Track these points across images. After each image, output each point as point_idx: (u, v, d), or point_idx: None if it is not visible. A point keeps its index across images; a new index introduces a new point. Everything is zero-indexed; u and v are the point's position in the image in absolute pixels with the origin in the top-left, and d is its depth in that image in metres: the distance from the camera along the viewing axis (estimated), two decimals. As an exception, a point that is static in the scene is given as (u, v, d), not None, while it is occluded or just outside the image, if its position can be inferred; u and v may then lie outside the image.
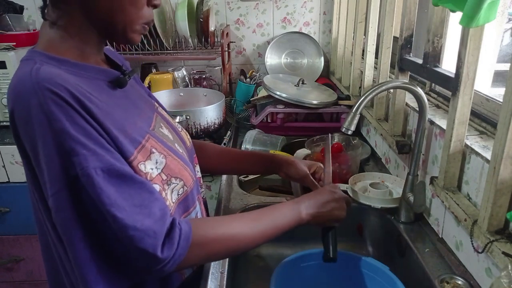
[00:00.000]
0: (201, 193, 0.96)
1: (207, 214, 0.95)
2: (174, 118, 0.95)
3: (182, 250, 0.62)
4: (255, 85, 1.95)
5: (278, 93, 1.59)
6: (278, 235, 0.75)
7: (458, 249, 0.85)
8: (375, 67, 1.41)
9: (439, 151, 0.91)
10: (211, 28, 1.88)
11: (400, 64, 1.14)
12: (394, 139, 1.13)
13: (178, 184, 0.72)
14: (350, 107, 1.44)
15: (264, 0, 2.06)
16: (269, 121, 1.66)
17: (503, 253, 0.66)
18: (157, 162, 0.68)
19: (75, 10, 0.65)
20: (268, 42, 2.10)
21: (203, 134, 1.61)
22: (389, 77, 1.32)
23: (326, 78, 2.08)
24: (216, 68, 2.13)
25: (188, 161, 0.78)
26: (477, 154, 0.79)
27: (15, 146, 0.63)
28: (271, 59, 2.09)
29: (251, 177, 1.33)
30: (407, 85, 0.93)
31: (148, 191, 0.63)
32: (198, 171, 0.94)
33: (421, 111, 0.93)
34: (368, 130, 1.52)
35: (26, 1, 1.98)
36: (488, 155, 0.76)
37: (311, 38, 2.06)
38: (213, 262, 0.86)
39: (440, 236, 0.93)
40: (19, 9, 1.90)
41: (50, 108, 0.56)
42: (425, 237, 0.94)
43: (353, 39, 1.65)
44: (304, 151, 1.20)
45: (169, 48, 1.94)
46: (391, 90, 1.19)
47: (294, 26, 2.10)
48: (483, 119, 0.90)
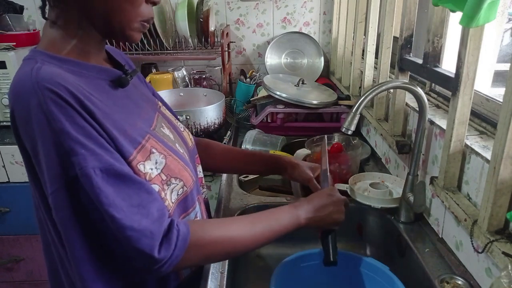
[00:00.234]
0: (202, 194, 0.96)
1: (208, 215, 0.95)
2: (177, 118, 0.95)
3: (179, 251, 0.62)
4: (255, 85, 1.95)
5: (278, 93, 1.59)
6: (276, 238, 0.75)
7: (458, 249, 0.85)
8: (375, 67, 1.41)
9: (439, 151, 0.91)
10: (211, 28, 1.88)
11: (400, 64, 1.14)
12: (394, 139, 1.13)
13: (177, 184, 0.71)
14: (350, 107, 1.44)
15: (264, 0, 2.06)
16: (269, 121, 1.66)
17: (503, 253, 0.66)
18: (156, 162, 0.68)
19: (72, 9, 0.65)
20: (268, 42, 2.10)
21: (203, 134, 1.61)
22: (389, 77, 1.32)
23: (326, 78, 2.09)
24: (216, 68, 2.13)
25: (188, 161, 0.78)
26: (477, 154, 0.79)
27: (15, 146, 0.64)
28: (271, 59, 2.09)
29: (251, 177, 1.33)
30: (407, 85, 0.93)
31: (146, 192, 0.63)
32: (200, 171, 0.93)
33: (421, 111, 0.93)
34: (368, 130, 1.52)
35: (26, 1, 1.98)
36: (488, 155, 0.76)
37: (311, 38, 2.06)
38: (211, 263, 0.85)
39: (440, 236, 0.93)
40: (19, 9, 1.90)
41: (50, 108, 0.56)
42: (425, 237, 0.94)
43: (353, 39, 1.65)
44: (304, 151, 1.20)
45: (169, 48, 1.95)
46: (391, 90, 1.19)
47: (294, 26, 2.10)
48: (483, 119, 0.90)
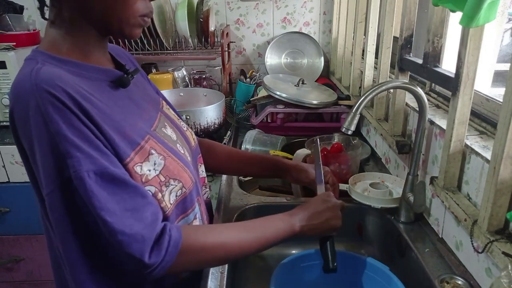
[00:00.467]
0: (204, 194, 0.95)
1: (209, 216, 0.95)
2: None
3: (170, 256, 0.62)
4: (255, 85, 1.95)
5: (278, 93, 1.59)
6: (270, 246, 0.75)
7: (458, 249, 0.85)
8: (375, 67, 1.41)
9: (439, 151, 0.91)
10: (211, 28, 1.88)
11: (400, 64, 1.14)
12: (394, 139, 1.13)
13: (176, 185, 0.71)
14: (350, 107, 1.44)
15: (264, 0, 2.06)
16: (269, 121, 1.66)
17: (503, 253, 0.66)
18: (155, 164, 0.68)
19: (70, 8, 0.65)
20: (268, 42, 2.10)
21: (203, 134, 1.61)
22: (389, 77, 1.32)
23: (326, 78, 2.08)
24: (216, 68, 2.13)
25: (188, 162, 0.78)
26: (477, 154, 0.79)
27: (15, 146, 0.64)
28: (271, 59, 2.09)
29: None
30: (407, 85, 0.93)
31: (141, 195, 0.63)
32: (202, 171, 0.93)
33: (421, 111, 0.92)
34: (368, 130, 1.52)
35: (26, 1, 1.98)
36: (488, 155, 0.76)
37: (311, 38, 2.06)
38: (203, 269, 0.84)
39: (440, 236, 0.93)
40: (19, 9, 1.90)
41: (47, 109, 0.56)
42: (425, 237, 0.94)
43: (353, 39, 1.65)
44: (304, 151, 1.20)
45: (169, 48, 1.94)
46: (391, 90, 1.19)
47: (294, 26, 2.10)
48: (483, 119, 0.90)
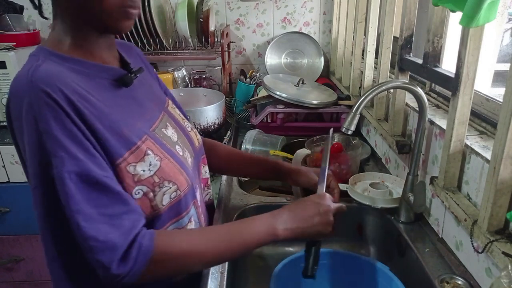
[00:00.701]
0: (207, 195, 0.94)
1: (209, 218, 0.94)
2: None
3: (138, 266, 0.60)
4: (255, 85, 1.95)
5: (278, 93, 1.59)
6: (250, 251, 0.71)
7: (458, 249, 0.85)
8: (375, 67, 1.41)
9: (439, 151, 0.91)
10: (211, 28, 1.88)
11: (400, 64, 1.14)
12: (394, 139, 1.13)
13: (171, 187, 0.70)
14: (350, 107, 1.44)
15: (264, 0, 2.06)
16: (269, 121, 1.66)
17: (503, 253, 0.66)
18: (150, 164, 0.68)
19: (62, 7, 0.65)
20: (268, 42, 2.10)
21: (203, 134, 1.61)
22: (389, 77, 1.32)
23: (326, 78, 2.08)
24: (216, 68, 2.13)
25: (186, 164, 0.77)
26: (477, 154, 0.79)
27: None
28: (271, 59, 2.09)
29: (251, 177, 1.33)
30: (407, 85, 0.93)
31: (122, 202, 0.62)
32: (206, 172, 0.92)
33: (421, 111, 0.92)
34: (368, 130, 1.52)
35: (26, 1, 1.98)
36: (488, 155, 0.76)
37: (311, 38, 2.06)
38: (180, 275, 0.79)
39: (440, 236, 0.93)
40: (19, 9, 1.90)
41: (40, 108, 0.57)
42: (425, 237, 0.94)
43: (353, 39, 1.65)
44: (304, 151, 1.20)
45: (169, 48, 1.94)
46: (391, 90, 1.19)
47: (294, 26, 2.10)
48: (483, 119, 0.90)
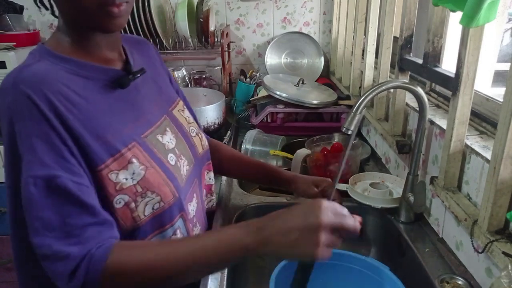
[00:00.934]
0: (209, 202, 0.93)
1: (209, 226, 0.92)
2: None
3: (91, 278, 0.56)
4: (255, 85, 1.95)
5: (278, 93, 1.59)
6: (221, 265, 0.63)
7: (458, 249, 0.85)
8: (375, 67, 1.41)
9: (439, 151, 0.91)
10: (211, 28, 1.88)
11: (400, 64, 1.14)
12: (394, 139, 1.13)
13: (154, 198, 0.68)
14: (350, 107, 1.44)
15: (264, 0, 2.05)
16: (269, 121, 1.66)
17: (503, 253, 0.66)
18: (134, 173, 0.65)
19: (57, 6, 0.65)
20: (268, 42, 2.10)
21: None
22: (389, 77, 1.32)
23: (326, 78, 2.08)
24: (216, 68, 2.13)
25: (174, 175, 0.72)
26: (477, 154, 0.79)
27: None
28: (271, 59, 2.09)
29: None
30: (407, 85, 0.93)
31: (90, 214, 0.59)
32: (210, 178, 0.90)
33: (421, 111, 0.92)
34: (368, 130, 1.52)
35: (26, 1, 1.98)
36: (488, 155, 0.76)
37: (311, 38, 2.06)
38: None
39: (440, 236, 0.93)
40: (19, 9, 1.90)
41: (18, 109, 0.57)
42: (425, 237, 0.94)
43: (353, 39, 1.65)
44: (304, 151, 1.20)
45: (169, 48, 1.94)
46: (391, 90, 1.19)
47: (294, 26, 2.10)
48: (483, 119, 0.90)
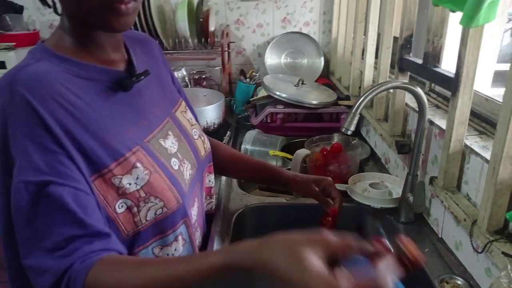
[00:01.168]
0: (208, 204, 0.92)
1: (208, 229, 0.92)
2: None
3: None
4: (255, 85, 1.95)
5: (278, 93, 1.59)
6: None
7: (457, 249, 0.85)
8: (375, 67, 1.41)
9: (439, 151, 0.91)
10: (211, 28, 1.88)
11: (400, 64, 1.14)
12: (393, 139, 1.13)
13: (157, 204, 0.66)
14: (350, 107, 1.44)
15: (264, 0, 2.05)
16: (269, 121, 1.66)
17: (503, 253, 0.66)
18: (138, 178, 0.64)
19: (61, 3, 0.63)
20: (268, 42, 2.10)
21: (203, 134, 1.61)
22: (389, 77, 1.32)
23: (326, 78, 2.08)
24: (216, 68, 2.13)
25: (178, 180, 0.71)
26: (477, 154, 0.79)
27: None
28: (271, 59, 2.09)
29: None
30: (407, 85, 0.93)
31: (81, 226, 0.55)
32: (210, 181, 0.89)
33: (421, 111, 0.92)
34: (368, 130, 1.52)
35: (26, 1, 1.98)
36: (487, 155, 0.76)
37: (311, 38, 2.06)
38: None
39: (440, 236, 0.93)
40: (19, 9, 1.90)
41: (12, 111, 0.55)
42: (425, 237, 0.94)
43: (353, 39, 1.65)
44: (304, 151, 1.20)
45: (169, 48, 1.94)
46: (391, 90, 1.19)
47: (294, 26, 2.10)
48: (483, 119, 0.90)
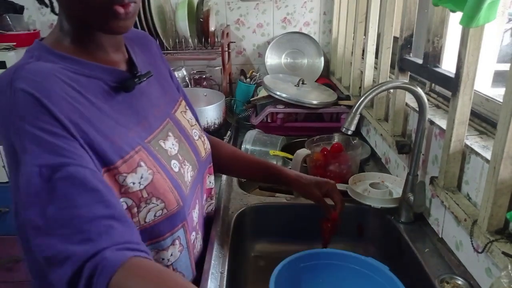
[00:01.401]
0: (209, 206, 0.92)
1: (207, 232, 0.91)
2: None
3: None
4: (255, 85, 1.95)
5: (278, 93, 1.59)
6: None
7: (458, 249, 0.85)
8: (375, 67, 1.41)
9: (439, 151, 0.91)
10: (211, 28, 1.88)
11: (400, 64, 1.14)
12: (394, 139, 1.13)
13: (158, 205, 0.65)
14: (350, 107, 1.44)
15: (264, 0, 2.05)
16: (269, 121, 1.66)
17: (503, 253, 0.66)
18: (142, 177, 0.63)
19: (60, 3, 0.63)
20: (268, 42, 2.10)
21: (203, 134, 1.61)
22: (389, 77, 1.32)
23: (326, 78, 2.08)
24: (216, 68, 2.13)
25: (178, 182, 0.70)
26: (477, 154, 0.79)
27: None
28: (271, 59, 2.09)
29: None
30: (407, 85, 0.93)
31: (105, 205, 0.53)
32: (210, 182, 0.89)
33: (421, 111, 0.93)
34: (368, 130, 1.52)
35: (26, 1, 1.98)
36: (488, 155, 0.76)
37: (311, 38, 2.06)
38: None
39: (440, 236, 0.93)
40: (19, 9, 1.90)
41: (17, 108, 0.54)
42: (425, 237, 0.94)
43: (353, 39, 1.65)
44: (304, 151, 1.20)
45: (169, 48, 1.94)
46: (391, 90, 1.19)
47: (294, 26, 2.10)
48: (483, 119, 0.90)
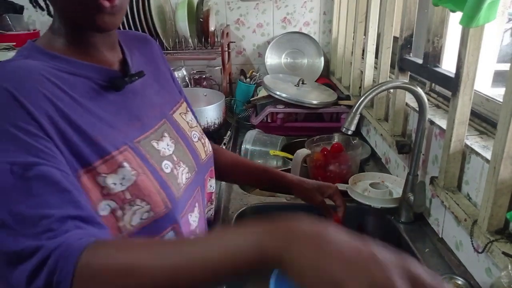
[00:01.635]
0: (209, 211, 0.91)
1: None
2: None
3: (58, 279, 0.46)
4: (255, 85, 1.96)
5: (278, 93, 1.59)
6: (220, 276, 0.44)
7: (458, 249, 0.85)
8: (375, 67, 1.41)
9: (439, 151, 0.91)
10: (211, 28, 1.88)
11: (400, 64, 1.14)
12: (394, 139, 1.13)
13: (143, 207, 0.63)
14: (350, 107, 1.44)
15: (264, 0, 2.06)
16: (269, 121, 1.66)
17: (503, 253, 0.66)
18: (123, 178, 0.61)
19: (52, 4, 0.63)
20: (268, 42, 2.10)
21: (203, 134, 1.61)
22: (389, 77, 1.32)
23: (326, 78, 2.08)
24: (216, 68, 2.13)
25: (168, 184, 0.67)
26: (477, 154, 0.79)
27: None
28: (271, 59, 2.09)
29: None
30: (407, 85, 0.93)
31: (75, 206, 0.52)
32: (211, 186, 0.88)
33: (421, 111, 0.93)
34: (368, 130, 1.52)
35: (26, 1, 1.98)
36: (488, 155, 0.76)
37: (311, 38, 2.06)
38: None
39: (440, 236, 0.93)
40: (19, 9, 1.90)
41: None
42: (425, 237, 0.94)
43: (353, 39, 1.65)
44: (304, 151, 1.20)
45: (169, 48, 1.94)
46: (391, 90, 1.19)
47: (294, 26, 2.10)
48: (483, 119, 0.90)
